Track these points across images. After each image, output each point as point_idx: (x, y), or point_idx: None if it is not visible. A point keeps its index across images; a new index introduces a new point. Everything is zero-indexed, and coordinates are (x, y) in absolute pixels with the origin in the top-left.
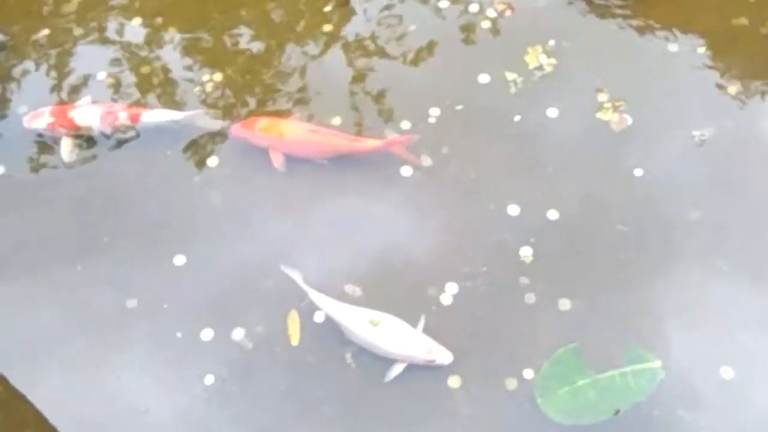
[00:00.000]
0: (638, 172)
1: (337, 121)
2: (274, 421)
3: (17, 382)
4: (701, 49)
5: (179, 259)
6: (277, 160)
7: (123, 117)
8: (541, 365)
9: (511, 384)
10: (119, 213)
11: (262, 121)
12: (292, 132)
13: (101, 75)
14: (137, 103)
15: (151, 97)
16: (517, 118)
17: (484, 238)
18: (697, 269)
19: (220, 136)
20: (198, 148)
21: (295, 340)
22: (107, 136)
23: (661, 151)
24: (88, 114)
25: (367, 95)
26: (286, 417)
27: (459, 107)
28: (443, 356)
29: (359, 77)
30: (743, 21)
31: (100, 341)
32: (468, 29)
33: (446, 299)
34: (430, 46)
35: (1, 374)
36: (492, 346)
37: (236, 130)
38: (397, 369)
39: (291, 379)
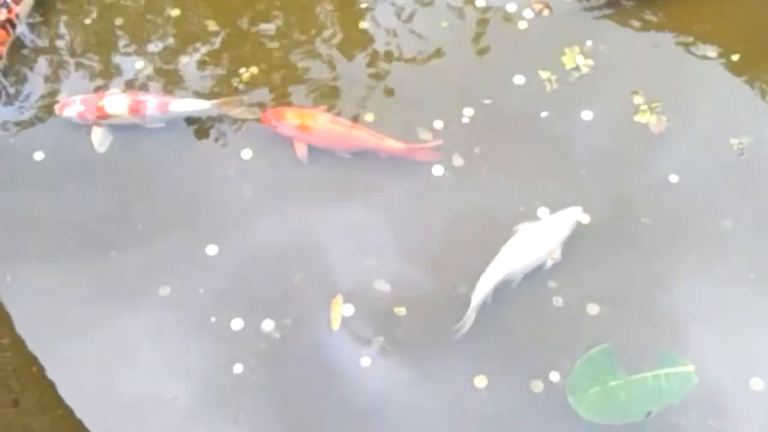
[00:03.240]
0: (674, 178)
1: (369, 117)
2: (299, 413)
3: (50, 364)
4: (740, 55)
5: (212, 249)
6: (301, 150)
7: (152, 106)
8: (572, 366)
9: (537, 387)
10: (153, 201)
11: (290, 111)
12: (317, 123)
13: (139, 64)
14: (166, 93)
15: (186, 88)
16: (551, 119)
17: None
18: (728, 278)
19: (253, 128)
20: (232, 139)
21: (335, 325)
22: (138, 125)
23: (698, 157)
24: (117, 103)
25: (400, 93)
26: (311, 411)
27: (487, 101)
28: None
29: (394, 75)
30: None
31: (132, 327)
32: (505, 29)
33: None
34: (466, 46)
35: (35, 355)
36: (520, 347)
37: (266, 117)
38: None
39: (318, 373)
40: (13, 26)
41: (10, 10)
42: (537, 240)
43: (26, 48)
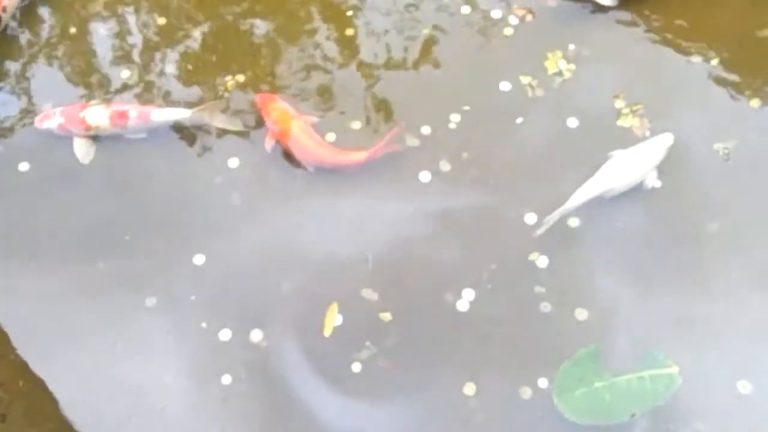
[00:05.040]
0: (657, 182)
1: (356, 125)
2: (286, 424)
3: (37, 377)
4: (724, 60)
5: (199, 259)
6: (269, 143)
7: (133, 116)
8: (559, 368)
9: (526, 393)
10: (140, 212)
11: (277, 103)
12: (290, 128)
13: (125, 73)
14: (151, 102)
15: (171, 97)
16: (537, 125)
17: (502, 245)
18: (715, 281)
19: (239, 136)
20: (218, 147)
21: (327, 332)
22: (119, 136)
23: (681, 161)
24: (98, 114)
25: (387, 100)
26: (299, 421)
27: (466, 107)
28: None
29: (380, 82)
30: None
31: (119, 338)
32: (490, 35)
33: (463, 305)
34: (452, 52)
35: (21, 369)
36: (508, 354)
37: (259, 97)
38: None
39: (306, 383)
40: None
41: None
42: (633, 162)
43: (9, 57)
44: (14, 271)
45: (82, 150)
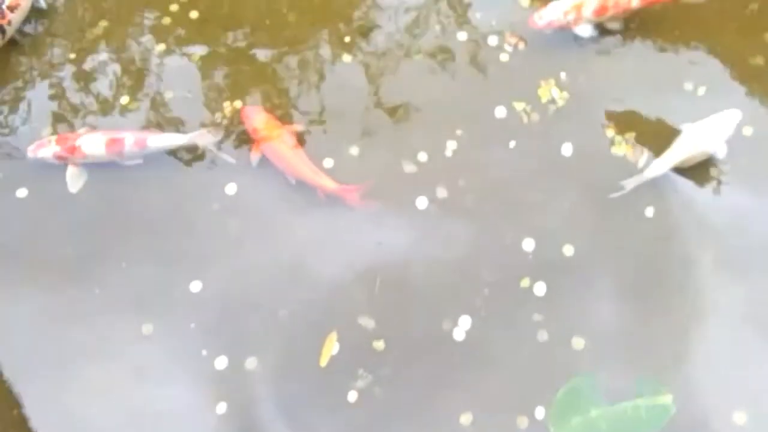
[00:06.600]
0: (649, 211)
1: (354, 151)
2: None
3: (32, 406)
4: (716, 87)
5: (195, 285)
6: (254, 156)
7: (130, 143)
8: (555, 396)
9: (523, 422)
10: (138, 238)
11: (260, 115)
12: (271, 137)
13: (123, 99)
14: (150, 127)
15: (169, 123)
16: (532, 152)
17: (499, 271)
18: (712, 310)
19: (237, 162)
20: (216, 173)
21: (324, 361)
22: (116, 163)
23: (674, 188)
24: (94, 142)
25: (384, 127)
26: None
27: (459, 131)
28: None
29: (377, 109)
30: (759, 61)
31: (115, 366)
32: (486, 62)
33: (460, 333)
34: (449, 79)
35: (16, 398)
36: (505, 384)
37: (244, 110)
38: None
39: (302, 410)
40: (3, 32)
41: (3, 16)
42: (704, 134)
43: (7, 82)
44: (10, 295)
45: (73, 178)
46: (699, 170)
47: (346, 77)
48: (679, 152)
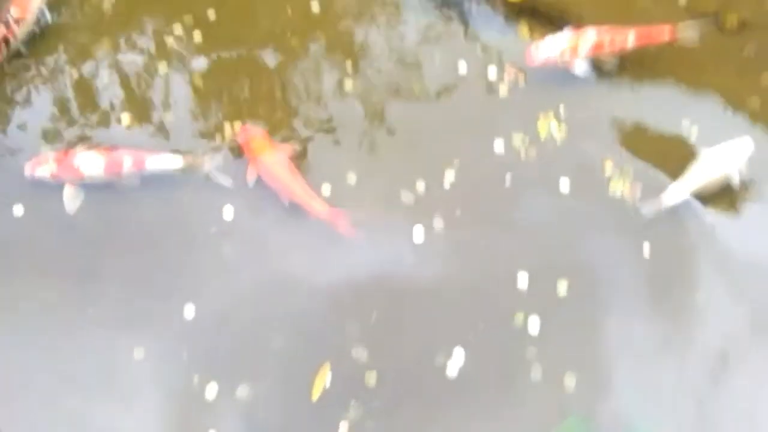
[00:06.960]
0: (647, 249)
1: (352, 179)
2: None
3: (17, 425)
4: (713, 126)
5: (189, 310)
6: (251, 175)
7: (128, 164)
8: None
9: None
10: (133, 260)
11: (258, 135)
12: (266, 158)
13: (125, 119)
14: (148, 148)
15: (169, 144)
16: (529, 185)
17: (493, 306)
18: (704, 354)
19: (234, 186)
20: (212, 196)
21: (316, 395)
22: (113, 184)
23: (669, 226)
24: (92, 162)
25: (384, 156)
26: None
27: (456, 160)
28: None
29: (378, 138)
30: (755, 101)
31: (105, 391)
32: (485, 95)
33: (452, 369)
34: (449, 111)
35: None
36: (498, 422)
37: (241, 131)
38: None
39: None
40: (8, 45)
41: (9, 29)
42: (720, 160)
43: (10, 96)
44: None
45: (70, 199)
46: (693, 211)
47: (347, 104)
48: (698, 176)
